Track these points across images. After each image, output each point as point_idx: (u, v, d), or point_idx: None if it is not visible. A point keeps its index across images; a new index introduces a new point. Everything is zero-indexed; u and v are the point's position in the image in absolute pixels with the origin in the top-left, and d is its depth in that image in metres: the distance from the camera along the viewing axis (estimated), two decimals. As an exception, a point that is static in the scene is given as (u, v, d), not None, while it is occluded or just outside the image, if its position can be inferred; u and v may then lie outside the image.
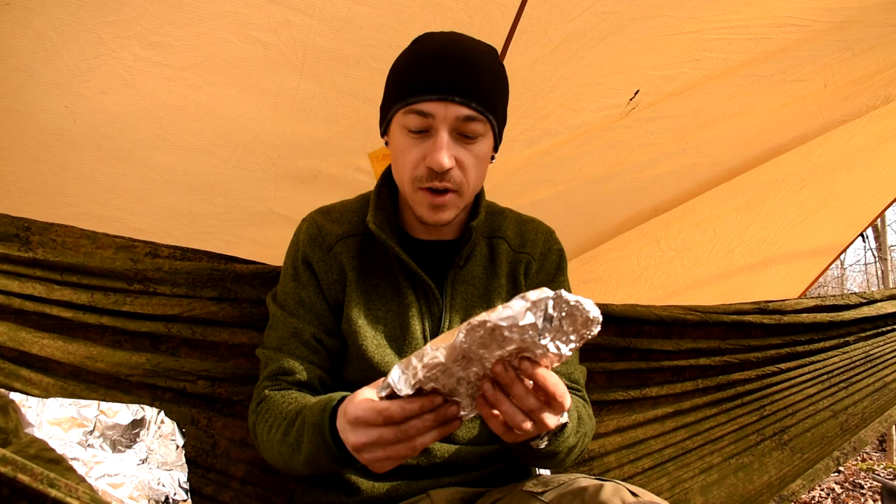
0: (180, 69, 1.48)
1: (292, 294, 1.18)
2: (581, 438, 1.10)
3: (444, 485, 1.14)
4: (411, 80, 1.07)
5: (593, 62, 1.67)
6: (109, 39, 1.39)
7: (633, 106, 1.77)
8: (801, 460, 1.79)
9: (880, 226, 7.46)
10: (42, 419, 1.15)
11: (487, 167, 1.15)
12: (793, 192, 2.56)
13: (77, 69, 1.43)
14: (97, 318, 1.33)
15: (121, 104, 1.50)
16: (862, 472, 4.66)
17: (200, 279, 1.40)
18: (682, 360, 1.76)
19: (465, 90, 1.04)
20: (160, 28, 1.40)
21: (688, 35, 1.68)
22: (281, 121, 1.66)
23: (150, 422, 1.27)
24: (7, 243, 1.27)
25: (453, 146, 1.06)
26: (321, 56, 1.54)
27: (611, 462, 1.73)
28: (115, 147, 1.56)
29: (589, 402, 1.23)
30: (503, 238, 1.25)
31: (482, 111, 1.06)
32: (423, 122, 1.05)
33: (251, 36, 1.47)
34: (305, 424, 0.97)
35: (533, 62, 1.62)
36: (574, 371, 1.23)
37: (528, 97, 1.70)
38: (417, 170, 1.08)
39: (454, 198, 1.10)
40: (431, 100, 1.04)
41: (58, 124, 1.48)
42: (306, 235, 1.20)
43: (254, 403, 1.15)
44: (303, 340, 1.15)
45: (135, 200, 1.65)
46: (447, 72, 1.04)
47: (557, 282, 1.26)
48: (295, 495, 1.25)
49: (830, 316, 1.83)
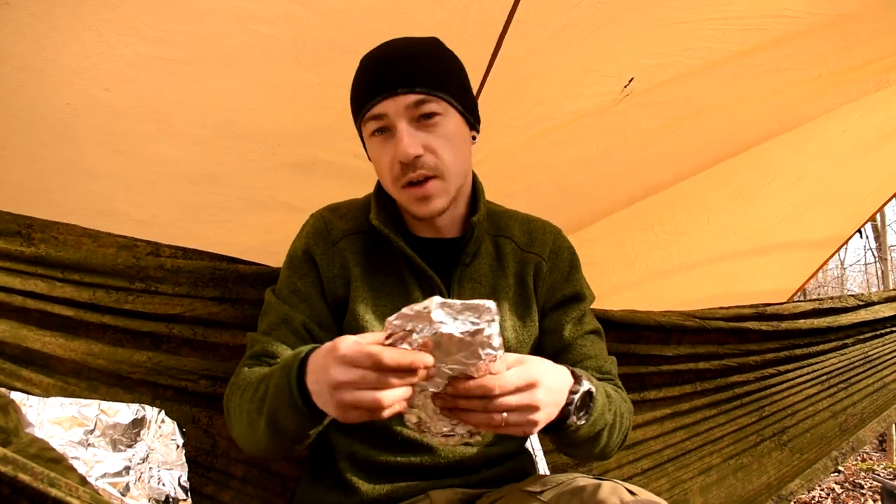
0: (182, 64, 1.48)
1: (288, 283, 1.19)
2: (618, 418, 1.10)
3: (444, 486, 1.14)
4: (360, 90, 1.12)
5: (589, 50, 1.69)
6: (111, 36, 1.40)
7: (627, 93, 1.81)
8: (799, 460, 1.80)
9: (880, 226, 7.38)
10: (43, 418, 1.15)
11: (467, 147, 1.16)
12: (788, 182, 2.59)
13: (79, 67, 1.43)
14: (99, 316, 1.32)
15: (123, 100, 1.50)
16: (862, 472, 4.65)
17: (202, 279, 1.40)
18: (681, 365, 1.76)
19: (406, 79, 1.07)
20: (161, 24, 1.41)
21: (683, 25, 1.71)
22: (280, 111, 1.67)
23: (150, 421, 1.26)
24: (9, 240, 1.27)
25: (416, 133, 1.08)
26: (319, 47, 1.55)
27: (610, 463, 1.73)
28: (119, 142, 1.57)
29: (623, 389, 1.22)
30: (509, 237, 1.25)
31: (429, 91, 1.07)
32: (380, 122, 1.09)
33: (251, 29, 1.48)
34: (275, 372, 0.97)
35: (529, 51, 1.65)
36: (604, 363, 1.22)
37: (524, 85, 1.73)
38: (393, 170, 1.10)
39: (437, 183, 1.10)
40: (379, 100, 1.07)
41: (61, 122, 1.48)
42: (312, 229, 1.21)
43: (231, 379, 1.15)
44: (292, 328, 1.14)
45: (139, 193, 1.67)
46: (386, 69, 1.08)
47: (574, 280, 1.26)
48: (295, 495, 1.25)
49: (828, 321, 1.84)
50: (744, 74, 1.93)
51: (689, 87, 1.89)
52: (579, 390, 0.97)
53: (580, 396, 0.97)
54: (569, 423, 0.97)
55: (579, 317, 1.24)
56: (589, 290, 1.29)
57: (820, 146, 2.51)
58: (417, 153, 1.07)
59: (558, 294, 1.24)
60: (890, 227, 7.82)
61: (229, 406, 1.12)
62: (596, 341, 1.24)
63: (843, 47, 1.88)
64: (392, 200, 1.21)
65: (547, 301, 1.24)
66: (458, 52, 1.21)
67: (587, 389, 0.99)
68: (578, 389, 0.97)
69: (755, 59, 1.86)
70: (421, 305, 0.78)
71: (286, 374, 0.93)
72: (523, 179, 1.99)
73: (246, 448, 1.13)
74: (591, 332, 1.24)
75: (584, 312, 1.25)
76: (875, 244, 8.13)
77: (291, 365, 0.93)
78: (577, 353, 1.20)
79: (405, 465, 1.14)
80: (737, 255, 2.85)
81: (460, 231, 1.22)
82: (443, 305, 0.78)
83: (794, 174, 2.57)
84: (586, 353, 1.21)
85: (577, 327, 1.23)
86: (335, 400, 0.83)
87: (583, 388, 0.98)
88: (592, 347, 1.22)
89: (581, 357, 1.20)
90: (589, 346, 1.22)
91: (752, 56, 1.85)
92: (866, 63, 1.98)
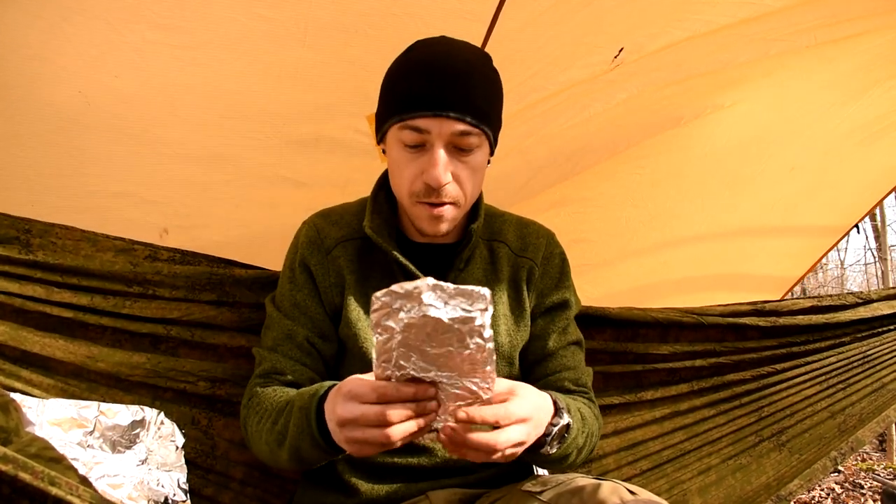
0: (189, 49, 1.52)
1: (288, 296, 1.19)
2: (588, 438, 1.12)
3: (443, 486, 1.15)
4: (405, 95, 1.05)
5: (580, 24, 1.73)
6: (119, 25, 1.43)
7: (617, 63, 1.86)
8: (798, 461, 1.80)
9: (880, 226, 7.28)
10: (42, 420, 1.14)
11: (484, 174, 1.15)
12: (782, 172, 2.60)
13: (88, 55, 1.46)
14: (97, 318, 1.33)
15: (132, 86, 1.54)
16: (862, 472, 4.61)
17: (199, 282, 1.40)
18: (678, 362, 1.76)
19: (460, 105, 1.02)
20: (168, 11, 1.44)
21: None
22: (285, 90, 1.72)
23: (149, 423, 1.26)
24: (7, 245, 1.27)
25: (449, 161, 1.05)
26: (322, 27, 1.59)
27: (609, 464, 1.73)
28: (129, 127, 1.61)
29: (596, 403, 1.24)
30: (503, 242, 1.24)
31: (477, 124, 1.05)
32: (419, 137, 1.04)
33: (256, 13, 1.51)
34: (293, 409, 0.98)
35: (522, 25, 1.68)
36: (581, 375, 1.23)
37: (518, 58, 1.77)
38: (415, 185, 1.08)
39: (452, 210, 1.10)
40: (426, 116, 1.02)
41: (73, 109, 1.52)
42: (305, 239, 1.21)
43: (245, 398, 1.16)
44: (296, 343, 1.15)
45: (149, 175, 1.71)
46: (440, 86, 1.02)
47: (563, 287, 1.26)
48: (294, 497, 1.25)
49: (826, 317, 1.83)
50: (733, 44, 1.97)
51: (679, 56, 1.93)
52: (559, 423, 0.99)
53: (558, 429, 0.99)
54: (542, 451, 0.99)
55: (564, 326, 1.25)
56: (575, 298, 1.31)
57: (814, 138, 2.52)
58: (447, 182, 1.06)
59: (547, 300, 1.25)
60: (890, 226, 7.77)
61: (247, 427, 1.13)
62: (576, 352, 1.26)
63: (834, 23, 1.92)
64: (390, 205, 1.21)
65: (536, 306, 1.25)
66: (455, 27, 1.21)
67: (566, 423, 1.00)
68: (558, 423, 0.99)
69: (743, 29, 1.90)
70: (412, 285, 0.75)
71: (305, 416, 0.94)
72: (513, 145, 2.04)
73: (268, 464, 1.16)
74: (573, 342, 1.26)
75: (569, 322, 1.27)
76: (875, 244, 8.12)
77: (309, 407, 0.94)
78: (557, 364, 1.22)
79: (403, 466, 1.15)
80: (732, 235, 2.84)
81: (456, 237, 1.22)
82: (435, 288, 0.75)
83: (787, 165, 2.58)
84: (566, 365, 1.22)
85: (561, 337, 1.24)
86: (343, 437, 0.85)
87: (562, 422, 0.99)
88: (572, 359, 1.24)
89: (560, 368, 1.22)
90: (570, 357, 1.24)
91: (742, 27, 1.88)
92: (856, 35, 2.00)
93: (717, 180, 2.67)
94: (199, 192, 1.84)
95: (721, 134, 2.46)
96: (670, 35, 1.86)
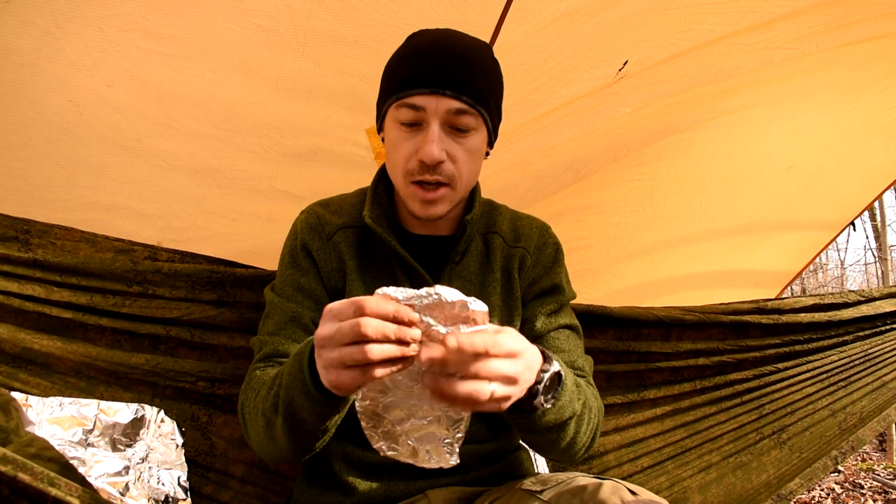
0: (183, 58, 1.50)
1: (290, 281, 1.17)
2: (586, 410, 1.06)
3: (441, 485, 1.14)
4: (403, 75, 1.07)
5: (585, 36, 1.71)
6: (112, 33, 1.41)
7: (621, 76, 1.84)
8: (799, 459, 1.80)
9: (880, 226, 7.26)
10: (42, 418, 1.15)
11: (481, 162, 1.16)
12: (779, 171, 2.61)
13: (81, 63, 1.44)
14: (96, 319, 1.33)
15: (126, 96, 1.52)
16: (862, 471, 4.62)
17: (199, 282, 1.40)
18: (681, 361, 1.75)
19: (456, 83, 1.05)
20: (162, 19, 1.42)
21: (678, 10, 1.73)
22: (282, 102, 1.69)
23: (149, 421, 1.26)
24: (7, 245, 1.27)
25: (445, 139, 1.07)
26: (321, 38, 1.57)
27: (610, 461, 1.73)
28: (122, 137, 1.58)
29: (595, 387, 1.19)
30: (498, 233, 1.25)
31: (473, 104, 1.06)
32: (415, 115, 1.06)
33: (253, 23, 1.49)
34: (290, 360, 0.94)
35: (526, 37, 1.66)
36: (577, 360, 1.20)
37: (522, 70, 1.75)
38: (409, 163, 1.08)
39: (447, 192, 1.10)
40: (423, 93, 1.04)
41: (64, 118, 1.50)
42: (305, 224, 1.20)
43: (244, 384, 1.13)
44: (301, 325, 1.13)
45: (143, 188, 1.68)
46: (438, 65, 1.05)
47: (554, 273, 1.25)
48: (292, 496, 1.24)
49: (828, 315, 1.83)
50: (734, 53, 1.96)
51: (682, 66, 1.91)
52: (549, 370, 0.93)
53: (549, 377, 0.93)
54: (535, 403, 0.93)
55: (555, 309, 1.23)
56: (569, 286, 1.28)
57: (811, 136, 2.52)
58: (442, 159, 1.06)
59: (537, 286, 1.24)
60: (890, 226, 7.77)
61: (244, 411, 1.10)
62: (571, 336, 1.23)
63: (835, 28, 1.91)
64: (389, 196, 1.21)
65: (526, 293, 1.24)
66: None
67: (556, 371, 0.94)
68: (548, 369, 0.93)
69: (746, 38, 1.89)
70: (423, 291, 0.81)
71: (298, 361, 0.91)
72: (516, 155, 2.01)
73: (266, 453, 1.09)
74: (565, 326, 1.23)
75: (560, 306, 1.24)
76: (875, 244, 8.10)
77: (304, 351, 0.91)
78: (549, 346, 1.18)
79: (400, 465, 1.11)
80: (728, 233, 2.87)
81: (453, 229, 1.22)
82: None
83: (785, 163, 2.59)
84: (558, 347, 1.19)
85: (550, 319, 1.21)
86: (322, 361, 0.81)
87: (553, 369, 0.93)
88: (566, 342, 1.20)
89: (553, 350, 1.17)
90: (563, 340, 1.20)
91: (744, 35, 1.87)
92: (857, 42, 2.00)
93: (715, 181, 2.68)
94: (193, 205, 1.81)
95: (720, 137, 2.47)
96: (675, 46, 1.84)
